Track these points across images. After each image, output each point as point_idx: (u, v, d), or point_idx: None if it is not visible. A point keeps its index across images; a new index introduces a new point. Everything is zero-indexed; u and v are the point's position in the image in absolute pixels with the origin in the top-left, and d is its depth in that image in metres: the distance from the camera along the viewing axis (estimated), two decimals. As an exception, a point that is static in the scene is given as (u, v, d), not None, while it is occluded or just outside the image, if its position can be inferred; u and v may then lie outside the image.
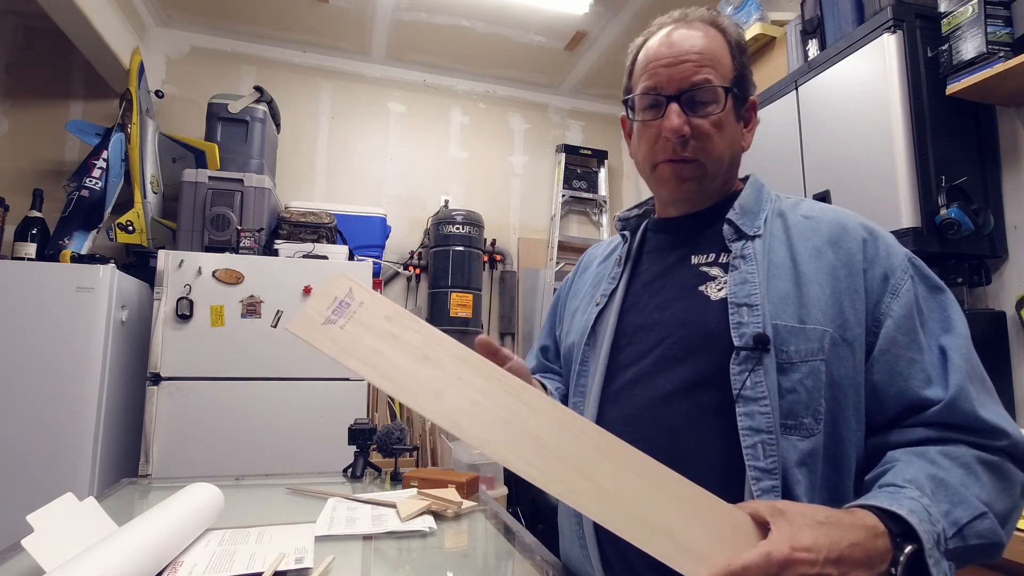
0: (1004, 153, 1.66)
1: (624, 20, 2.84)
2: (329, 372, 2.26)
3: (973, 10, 1.47)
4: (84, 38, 2.39)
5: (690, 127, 0.71)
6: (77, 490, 0.93)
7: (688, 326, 0.71)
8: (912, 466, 0.59)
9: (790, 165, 1.88)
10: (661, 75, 0.72)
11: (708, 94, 0.71)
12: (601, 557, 0.71)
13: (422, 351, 0.56)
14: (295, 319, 0.57)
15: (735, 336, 0.65)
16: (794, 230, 0.72)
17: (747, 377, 0.64)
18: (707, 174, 0.74)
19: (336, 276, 0.60)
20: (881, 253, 0.68)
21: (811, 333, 0.64)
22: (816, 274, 0.68)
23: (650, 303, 0.77)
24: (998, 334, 1.61)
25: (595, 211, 3.65)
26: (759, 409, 0.63)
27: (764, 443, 0.62)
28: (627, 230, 0.87)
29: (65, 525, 0.71)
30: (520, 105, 3.60)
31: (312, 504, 1.06)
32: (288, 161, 3.09)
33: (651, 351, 0.73)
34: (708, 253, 0.75)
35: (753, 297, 0.67)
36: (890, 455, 0.63)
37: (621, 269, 0.83)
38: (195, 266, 2.18)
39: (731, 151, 0.75)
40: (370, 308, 0.58)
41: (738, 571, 0.46)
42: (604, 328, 0.79)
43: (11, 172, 2.67)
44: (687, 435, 0.67)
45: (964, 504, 0.56)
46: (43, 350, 1.93)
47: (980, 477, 0.59)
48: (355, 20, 2.92)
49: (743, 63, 0.75)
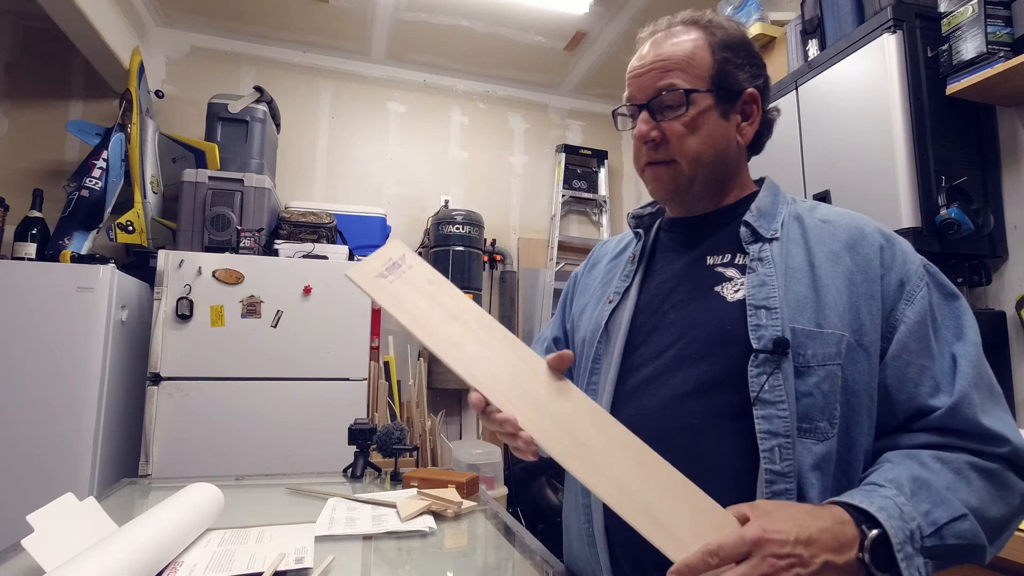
0: (1004, 153, 1.66)
1: (624, 20, 2.84)
2: (329, 372, 2.26)
3: (973, 10, 1.47)
4: (84, 38, 2.39)
5: (660, 131, 0.74)
6: (77, 490, 0.93)
7: (704, 326, 0.71)
8: (898, 467, 0.60)
9: (790, 165, 1.88)
10: (633, 85, 0.77)
11: (673, 98, 0.73)
12: (610, 555, 0.71)
13: (453, 312, 0.66)
14: (354, 269, 0.68)
15: (753, 338, 0.65)
16: (811, 234, 0.73)
17: (766, 380, 0.64)
18: (683, 173, 0.75)
19: (394, 241, 0.73)
20: (898, 259, 0.69)
21: (828, 337, 0.65)
22: (833, 278, 0.68)
23: (665, 303, 0.76)
24: (998, 334, 1.61)
25: (595, 211, 3.65)
26: (777, 413, 0.63)
27: (781, 447, 0.62)
28: (641, 228, 0.87)
29: (65, 525, 0.71)
30: (520, 105, 3.60)
31: (312, 504, 1.06)
32: (288, 161, 3.09)
33: (666, 351, 0.73)
34: (724, 254, 0.75)
35: (772, 300, 0.67)
36: (883, 456, 0.64)
37: (635, 267, 0.83)
38: (195, 266, 2.18)
39: (713, 149, 0.75)
40: (417, 271, 0.69)
41: (714, 549, 0.49)
42: (617, 326, 0.79)
43: (11, 172, 2.67)
44: (702, 435, 0.67)
45: (945, 505, 0.57)
46: (43, 350, 1.93)
47: (972, 482, 0.60)
48: (355, 20, 2.92)
49: (728, 58, 0.75)
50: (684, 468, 0.67)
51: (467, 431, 3.24)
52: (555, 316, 1.01)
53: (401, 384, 2.92)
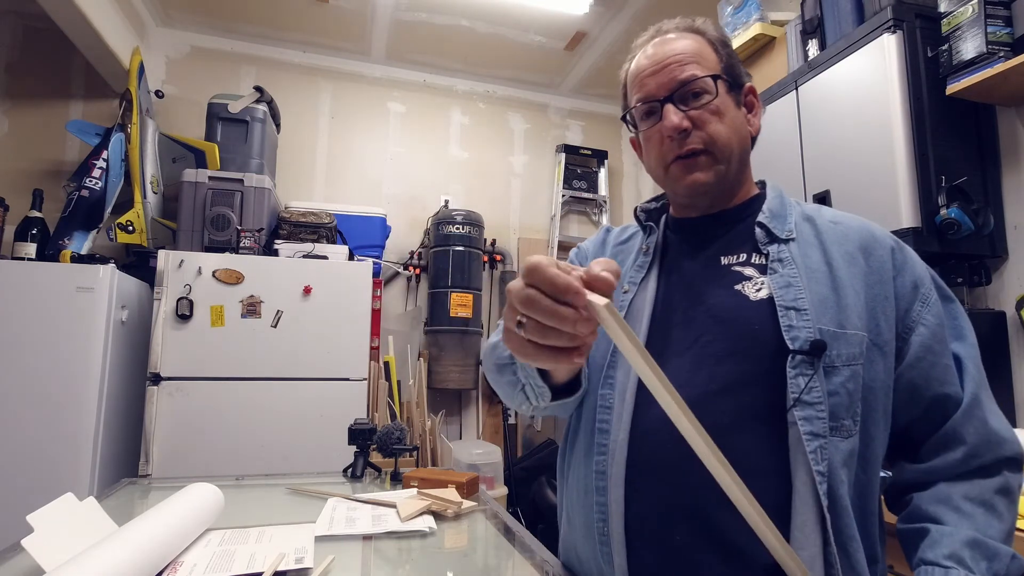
0: (1004, 153, 1.66)
1: (624, 20, 2.84)
2: (329, 372, 2.26)
3: (973, 10, 1.47)
4: (84, 38, 2.39)
5: (689, 120, 0.73)
6: (77, 490, 0.93)
7: (728, 324, 0.70)
8: (945, 533, 0.64)
9: (790, 165, 1.88)
10: (649, 84, 0.76)
11: (700, 85, 0.73)
12: (628, 555, 0.68)
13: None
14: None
15: (788, 340, 0.66)
16: (825, 235, 0.74)
17: (807, 382, 0.65)
18: (718, 161, 0.74)
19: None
20: (909, 262, 0.73)
21: (851, 338, 0.67)
22: (851, 279, 0.70)
23: (683, 300, 0.75)
24: (998, 334, 1.61)
25: (595, 211, 3.65)
26: (816, 414, 0.64)
27: (822, 447, 0.64)
28: (651, 221, 0.85)
29: (65, 525, 0.71)
30: (520, 105, 3.60)
31: (312, 504, 1.06)
32: (288, 161, 3.09)
33: (689, 348, 0.72)
34: (739, 254, 0.75)
35: (800, 301, 0.68)
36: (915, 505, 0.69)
37: (649, 259, 0.81)
38: (195, 266, 2.18)
39: (738, 136, 0.75)
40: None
41: None
42: (636, 319, 0.76)
43: (11, 172, 2.67)
44: (731, 435, 0.65)
45: (998, 557, 0.62)
46: (43, 350, 1.93)
47: (997, 508, 0.65)
48: (355, 20, 2.92)
49: (728, 54, 0.77)
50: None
51: (467, 431, 3.24)
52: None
53: (401, 384, 2.92)
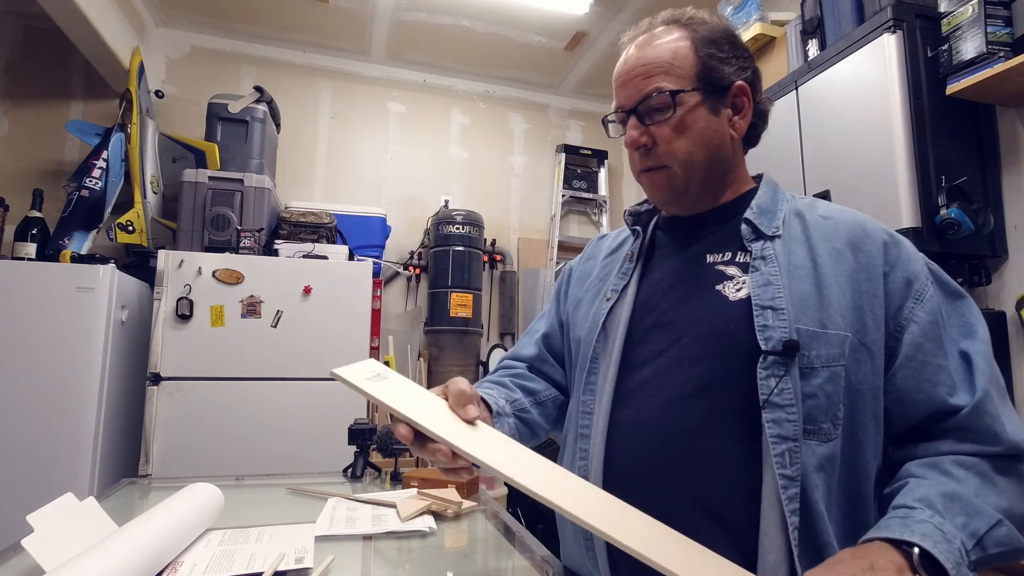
0: (1004, 153, 1.66)
1: (624, 20, 2.83)
2: (329, 372, 2.26)
3: (973, 10, 1.47)
4: (84, 38, 2.39)
5: (649, 135, 0.73)
6: (77, 490, 0.93)
7: (705, 325, 0.70)
8: (924, 483, 0.60)
9: (790, 165, 1.87)
10: (620, 94, 0.77)
11: (660, 101, 0.72)
12: (609, 557, 0.69)
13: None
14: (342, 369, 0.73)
15: (761, 340, 0.64)
16: (813, 231, 0.72)
17: (776, 383, 0.63)
18: (678, 176, 0.74)
19: (369, 360, 0.77)
20: (903, 257, 0.69)
21: (832, 338, 0.65)
22: (836, 276, 0.68)
23: (664, 301, 0.75)
24: (998, 334, 1.60)
25: (595, 211, 3.65)
26: (786, 416, 0.62)
27: (791, 451, 0.62)
28: (638, 225, 0.85)
29: (65, 525, 0.71)
30: (520, 105, 3.60)
31: (312, 504, 1.06)
32: (288, 161, 3.09)
33: (666, 350, 0.71)
34: (724, 252, 0.74)
35: (778, 300, 0.66)
36: (905, 468, 0.64)
37: (633, 265, 0.81)
38: (195, 266, 2.18)
39: (705, 148, 0.74)
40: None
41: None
42: (616, 324, 0.77)
43: (11, 172, 2.67)
44: (704, 437, 0.66)
45: (980, 515, 0.57)
46: (43, 350, 1.93)
47: (997, 484, 0.60)
48: (355, 20, 2.92)
49: (712, 53, 0.73)
50: (686, 471, 0.66)
51: (467, 431, 3.24)
52: (548, 308, 0.97)
53: (401, 384, 2.91)
